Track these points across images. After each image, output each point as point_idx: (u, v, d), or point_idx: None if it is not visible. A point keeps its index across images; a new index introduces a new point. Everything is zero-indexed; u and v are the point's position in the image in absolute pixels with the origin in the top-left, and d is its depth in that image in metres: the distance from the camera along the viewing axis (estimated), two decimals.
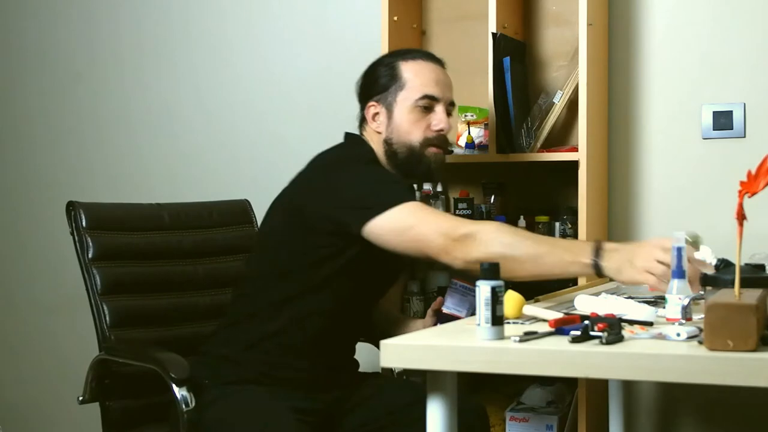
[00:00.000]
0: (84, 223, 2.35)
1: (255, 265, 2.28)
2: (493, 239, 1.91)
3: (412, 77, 2.22)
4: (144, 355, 2.19)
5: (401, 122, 2.20)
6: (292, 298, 2.15)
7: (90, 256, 2.34)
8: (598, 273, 1.87)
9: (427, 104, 2.20)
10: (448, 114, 2.25)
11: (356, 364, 2.33)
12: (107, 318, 2.31)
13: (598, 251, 1.86)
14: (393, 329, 2.33)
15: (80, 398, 2.26)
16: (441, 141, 2.22)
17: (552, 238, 2.07)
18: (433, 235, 1.96)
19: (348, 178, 2.11)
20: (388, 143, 2.22)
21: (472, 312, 2.09)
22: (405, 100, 2.21)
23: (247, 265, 2.38)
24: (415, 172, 2.23)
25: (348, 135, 2.30)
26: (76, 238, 2.35)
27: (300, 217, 2.13)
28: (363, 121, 2.29)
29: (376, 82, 2.25)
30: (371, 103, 2.25)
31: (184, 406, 1.99)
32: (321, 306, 2.15)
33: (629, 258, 1.83)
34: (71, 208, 2.37)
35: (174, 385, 2.00)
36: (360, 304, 2.24)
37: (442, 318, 2.16)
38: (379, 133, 2.23)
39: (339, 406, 2.17)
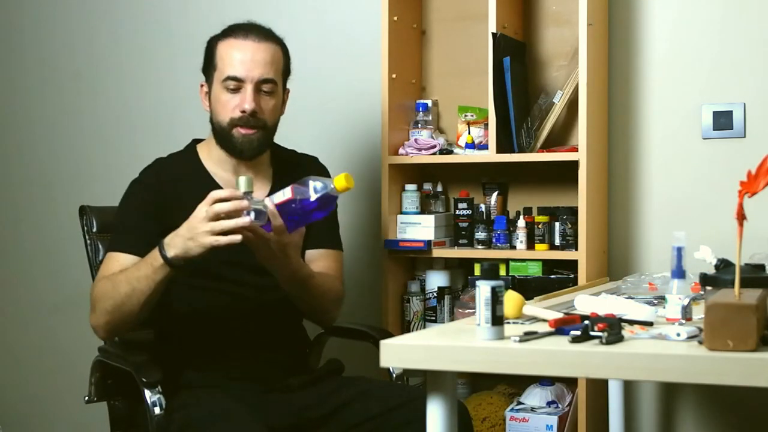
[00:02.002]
0: (95, 228, 2.40)
1: None
2: (95, 303, 2.11)
3: (221, 58, 2.24)
4: (124, 358, 2.21)
5: (215, 102, 2.25)
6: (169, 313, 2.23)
7: (100, 258, 2.37)
8: (172, 264, 1.99)
9: (234, 86, 2.21)
10: (268, 92, 2.24)
11: (297, 347, 2.34)
12: None
13: (161, 247, 2.00)
14: None
15: (86, 398, 2.28)
16: (248, 121, 2.21)
17: (128, 269, 2.09)
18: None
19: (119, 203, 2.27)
20: (211, 122, 2.28)
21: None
22: (216, 81, 2.24)
23: None
24: (228, 150, 2.25)
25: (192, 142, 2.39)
26: (88, 241, 2.40)
27: None
28: None
29: (204, 62, 2.30)
30: (202, 82, 2.31)
31: (154, 411, 2.01)
32: (193, 315, 2.21)
33: (185, 234, 1.96)
34: (83, 213, 2.42)
35: (145, 389, 2.03)
36: (228, 295, 2.22)
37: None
38: (207, 111, 2.29)
39: (314, 409, 2.15)
